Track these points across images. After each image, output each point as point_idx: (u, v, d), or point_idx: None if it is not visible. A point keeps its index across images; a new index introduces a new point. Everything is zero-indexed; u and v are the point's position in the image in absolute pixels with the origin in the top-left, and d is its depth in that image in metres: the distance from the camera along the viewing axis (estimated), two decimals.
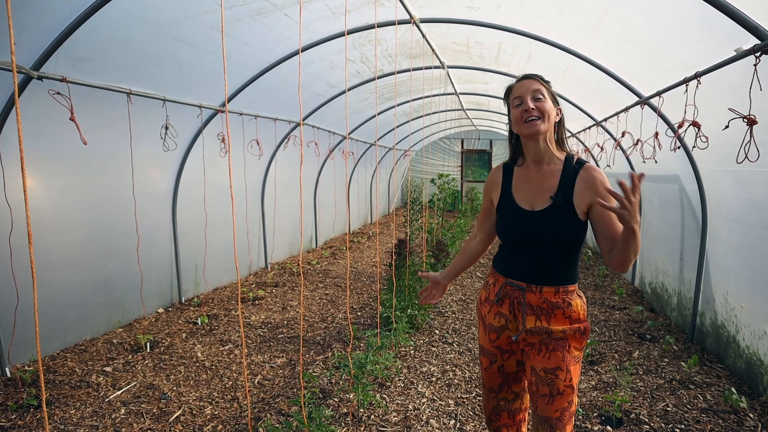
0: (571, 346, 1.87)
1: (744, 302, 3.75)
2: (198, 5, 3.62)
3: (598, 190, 1.84)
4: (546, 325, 1.89)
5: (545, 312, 1.89)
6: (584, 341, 1.91)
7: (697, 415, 3.35)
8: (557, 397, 1.85)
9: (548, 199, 1.90)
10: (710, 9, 2.61)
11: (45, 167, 4.04)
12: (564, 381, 1.85)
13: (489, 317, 2.05)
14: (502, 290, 2.00)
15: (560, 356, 1.86)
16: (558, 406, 1.85)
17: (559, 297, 1.89)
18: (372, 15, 4.42)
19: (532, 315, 1.91)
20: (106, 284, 4.71)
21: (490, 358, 2.09)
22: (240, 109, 5.67)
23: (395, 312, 4.64)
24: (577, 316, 1.89)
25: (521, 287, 1.93)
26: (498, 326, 2.02)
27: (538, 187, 1.94)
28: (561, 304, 1.88)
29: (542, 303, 1.89)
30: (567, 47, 4.52)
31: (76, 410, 3.41)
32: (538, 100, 1.88)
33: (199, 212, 5.80)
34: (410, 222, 6.71)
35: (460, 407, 3.51)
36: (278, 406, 3.50)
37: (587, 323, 1.92)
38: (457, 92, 8.37)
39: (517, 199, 1.99)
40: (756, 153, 2.66)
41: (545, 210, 1.89)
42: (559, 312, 1.88)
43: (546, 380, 1.87)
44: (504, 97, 2.04)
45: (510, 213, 2.00)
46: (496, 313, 2.03)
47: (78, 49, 3.48)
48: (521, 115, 1.89)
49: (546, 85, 1.92)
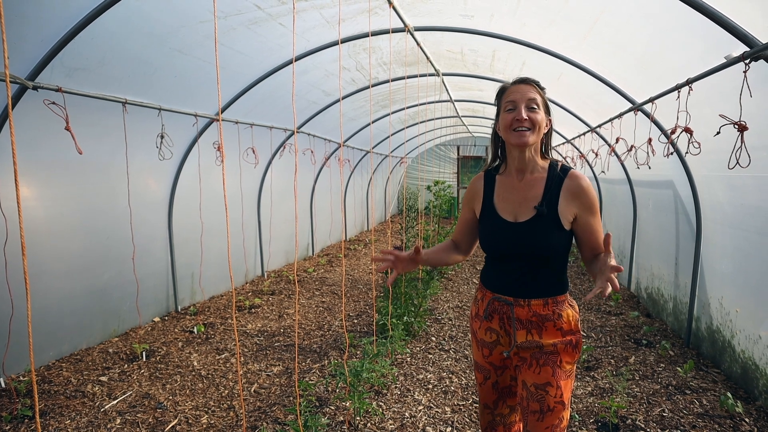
0: (562, 361, 1.82)
1: (739, 307, 3.76)
2: (193, 15, 3.65)
3: (583, 200, 1.81)
4: (537, 338, 1.83)
5: (535, 325, 1.84)
6: (576, 355, 1.86)
7: (693, 420, 3.36)
8: (547, 413, 1.81)
9: (532, 209, 1.83)
10: (700, 17, 2.64)
11: (41, 177, 4.04)
12: (554, 397, 1.80)
13: (480, 333, 1.99)
14: (490, 306, 1.94)
15: (550, 371, 1.81)
16: (548, 422, 1.81)
17: (548, 309, 1.84)
18: (366, 24, 4.45)
19: (522, 329, 1.85)
20: (101, 293, 4.70)
21: (485, 374, 2.04)
22: (236, 118, 5.68)
23: (391, 319, 4.64)
24: (568, 327, 1.84)
25: (509, 302, 1.87)
26: (490, 342, 1.96)
27: (521, 197, 1.88)
28: (551, 316, 1.83)
29: (531, 317, 1.84)
30: (560, 54, 4.55)
31: (72, 420, 3.39)
32: (532, 110, 1.80)
33: (195, 221, 5.80)
34: (406, 229, 6.72)
35: (457, 414, 3.51)
36: (274, 414, 3.49)
37: (579, 335, 1.87)
38: (453, 99, 8.41)
39: (500, 209, 1.92)
40: (747, 159, 2.69)
41: (529, 221, 1.83)
42: (550, 324, 1.83)
43: (536, 396, 1.82)
44: (496, 96, 1.94)
45: (493, 225, 1.92)
46: (486, 328, 1.97)
47: (73, 59, 3.49)
48: (512, 122, 1.81)
49: (542, 92, 1.85)
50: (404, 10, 4.22)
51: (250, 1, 3.66)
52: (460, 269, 8.37)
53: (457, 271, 8.21)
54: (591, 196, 1.82)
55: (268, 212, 7.59)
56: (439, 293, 6.72)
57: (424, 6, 4.20)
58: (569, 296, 1.92)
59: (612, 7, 3.45)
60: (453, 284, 7.33)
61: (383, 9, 4.10)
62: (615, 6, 3.42)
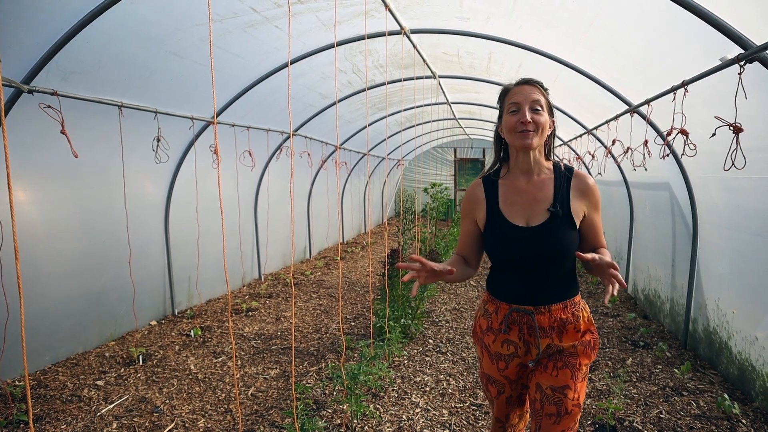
0: (581, 364, 1.79)
1: (735, 308, 3.77)
2: (189, 18, 3.64)
3: (591, 198, 1.83)
4: (558, 342, 1.81)
5: (557, 330, 1.81)
6: (593, 356, 1.83)
7: (690, 421, 3.36)
8: (565, 416, 1.76)
9: (545, 211, 1.79)
10: (695, 19, 2.65)
11: (36, 180, 4.03)
12: (572, 400, 1.76)
13: (495, 346, 1.90)
14: (509, 318, 1.85)
15: (569, 374, 1.77)
16: (564, 425, 1.77)
17: (567, 312, 1.81)
18: (362, 26, 4.45)
19: (546, 338, 1.81)
20: (98, 297, 4.68)
21: (499, 388, 1.96)
22: (232, 121, 5.68)
23: (389, 322, 4.64)
24: (585, 326, 1.83)
25: (529, 311, 1.81)
26: (507, 354, 1.88)
27: (531, 200, 1.83)
28: (571, 319, 1.81)
29: (553, 323, 1.80)
30: (556, 56, 4.56)
31: (68, 425, 3.38)
32: (536, 111, 1.77)
33: (192, 224, 5.78)
34: (403, 231, 6.72)
35: (454, 417, 3.50)
36: (271, 418, 3.48)
37: (596, 335, 1.85)
38: (449, 102, 8.41)
39: (509, 215, 1.85)
40: (743, 160, 2.69)
41: (544, 224, 1.79)
42: (570, 327, 1.81)
43: (553, 399, 1.77)
44: (499, 98, 1.91)
45: (502, 231, 1.85)
46: (503, 341, 1.88)
47: (69, 62, 3.48)
48: (516, 124, 1.78)
49: (545, 94, 1.83)
50: (400, 13, 4.22)
51: (246, 4, 3.66)
52: None
53: None
54: (598, 194, 1.85)
55: (265, 215, 7.58)
56: (436, 296, 6.71)
57: (420, 8, 4.20)
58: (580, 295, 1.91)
59: (607, 10, 3.46)
60: (450, 286, 7.33)
61: (379, 12, 4.10)
62: (610, 8, 3.43)
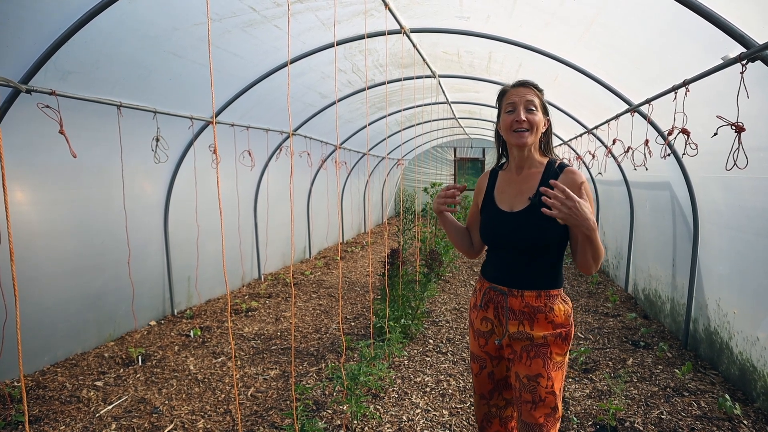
0: (552, 353, 1.89)
1: (736, 308, 3.76)
2: (188, 18, 3.63)
3: (577, 194, 1.83)
4: (529, 330, 1.90)
5: (527, 316, 1.90)
6: (566, 346, 1.92)
7: (691, 422, 3.34)
8: (539, 404, 1.87)
9: (527, 200, 1.93)
10: (697, 18, 2.63)
11: (35, 181, 4.01)
12: (546, 388, 1.87)
13: (477, 323, 2.09)
14: (486, 295, 2.04)
15: (541, 363, 1.88)
16: (541, 412, 1.88)
17: (540, 301, 1.90)
18: (362, 25, 4.44)
19: (514, 320, 1.93)
20: (97, 297, 4.67)
21: (480, 363, 2.11)
22: (231, 120, 5.66)
23: (389, 322, 4.62)
24: (560, 320, 1.90)
25: (503, 292, 1.96)
26: (485, 331, 2.05)
27: (518, 189, 1.99)
28: (543, 308, 1.89)
29: (524, 307, 1.91)
30: (556, 56, 4.55)
31: (66, 426, 3.36)
32: (530, 111, 1.92)
33: (191, 224, 5.77)
34: (403, 231, 6.70)
35: (455, 417, 3.49)
36: (271, 418, 3.47)
37: (570, 327, 1.92)
38: (449, 101, 8.40)
39: (498, 201, 2.04)
40: (745, 160, 2.68)
41: (523, 211, 1.93)
42: (542, 316, 1.89)
43: (528, 387, 1.89)
44: (497, 98, 2.07)
45: (490, 215, 2.04)
46: (482, 318, 2.06)
47: (67, 62, 3.47)
48: (511, 123, 1.93)
49: (540, 94, 1.97)
50: (400, 12, 4.21)
51: (245, 3, 3.65)
52: (457, 271, 8.36)
53: (454, 273, 8.19)
54: (587, 192, 1.87)
55: (265, 215, 7.56)
56: (436, 295, 6.70)
57: (420, 8, 4.19)
58: (563, 292, 1.96)
59: (607, 8, 3.44)
60: (450, 286, 7.31)
61: (379, 11, 4.08)
62: (611, 7, 3.42)
